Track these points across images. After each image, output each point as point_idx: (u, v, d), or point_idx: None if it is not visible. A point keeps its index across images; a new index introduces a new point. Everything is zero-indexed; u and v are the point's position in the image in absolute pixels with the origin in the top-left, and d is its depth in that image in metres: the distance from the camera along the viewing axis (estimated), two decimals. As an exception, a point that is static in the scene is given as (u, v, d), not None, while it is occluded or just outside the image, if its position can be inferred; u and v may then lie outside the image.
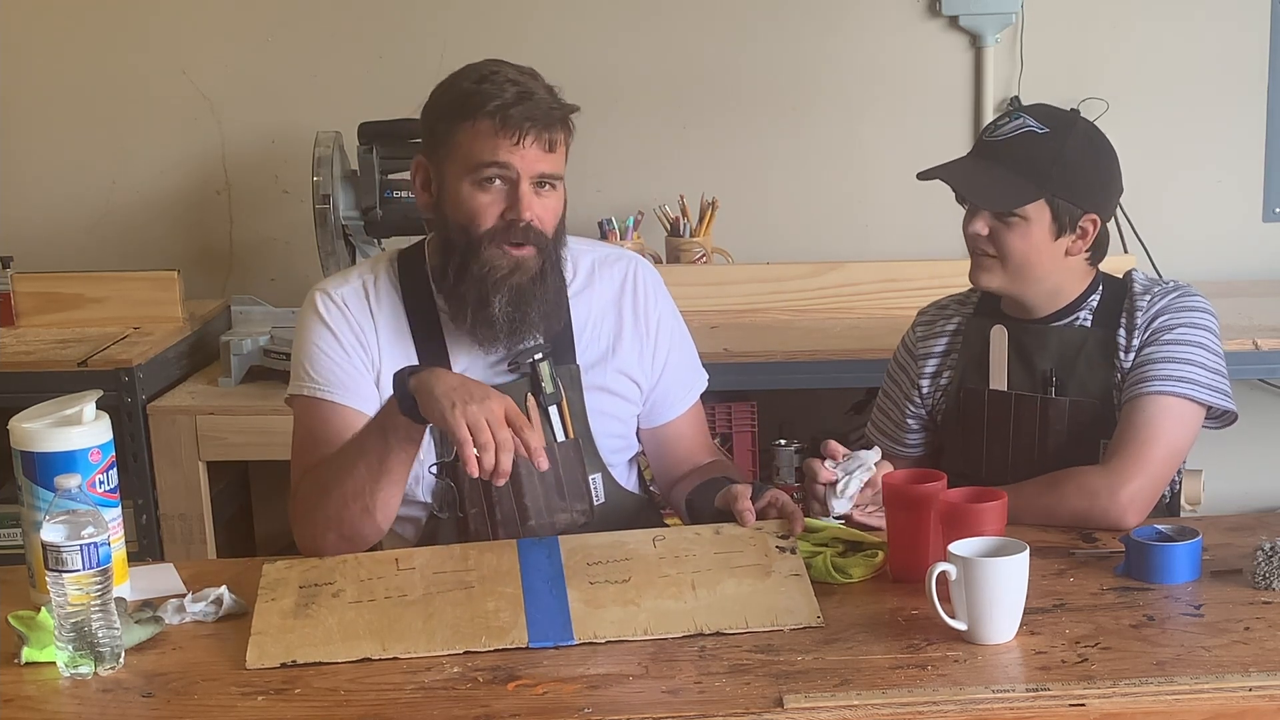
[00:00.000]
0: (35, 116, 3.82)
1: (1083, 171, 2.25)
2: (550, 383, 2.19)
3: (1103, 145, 2.31)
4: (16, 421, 1.93)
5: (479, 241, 2.10)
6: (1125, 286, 2.32)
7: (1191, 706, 1.63)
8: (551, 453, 2.17)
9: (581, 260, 2.28)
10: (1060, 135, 2.24)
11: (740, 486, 2.13)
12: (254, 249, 3.87)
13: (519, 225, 2.09)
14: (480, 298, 2.11)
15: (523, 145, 2.07)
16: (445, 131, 2.11)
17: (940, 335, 2.43)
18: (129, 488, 2.92)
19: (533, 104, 2.07)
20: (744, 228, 3.73)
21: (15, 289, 3.49)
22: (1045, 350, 2.31)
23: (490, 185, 2.09)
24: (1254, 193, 3.75)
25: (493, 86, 2.07)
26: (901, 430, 2.48)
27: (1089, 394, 2.29)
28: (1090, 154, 2.27)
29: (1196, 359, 2.23)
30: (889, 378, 2.51)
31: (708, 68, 3.74)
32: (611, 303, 2.28)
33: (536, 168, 2.09)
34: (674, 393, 2.33)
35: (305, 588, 1.95)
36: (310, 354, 2.18)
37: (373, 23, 3.76)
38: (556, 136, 2.10)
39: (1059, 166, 2.22)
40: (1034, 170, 2.22)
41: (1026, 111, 2.27)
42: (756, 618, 1.85)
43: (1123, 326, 2.28)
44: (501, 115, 2.06)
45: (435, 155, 2.14)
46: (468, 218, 2.10)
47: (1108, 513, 2.13)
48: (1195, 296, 2.30)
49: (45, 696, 1.75)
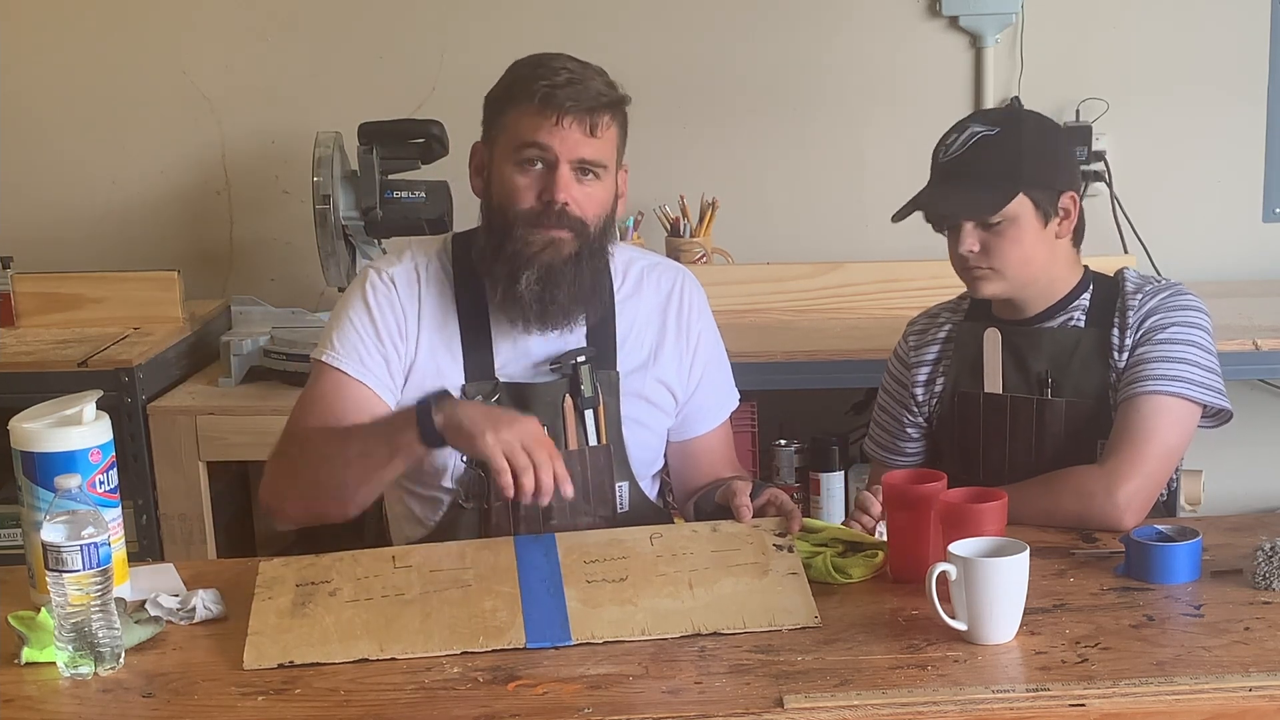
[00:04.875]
0: (35, 116, 3.81)
1: (1046, 155, 2.27)
2: (589, 386, 2.20)
3: (1052, 125, 2.36)
4: (16, 421, 1.93)
5: (514, 221, 2.11)
6: (1117, 285, 2.32)
7: (1191, 707, 1.63)
8: (582, 456, 2.19)
9: (632, 267, 2.29)
10: (1013, 130, 2.26)
11: (740, 483, 2.13)
12: (254, 249, 3.87)
13: (554, 208, 2.09)
14: (510, 274, 2.12)
15: (563, 126, 2.07)
16: (497, 114, 2.14)
17: (932, 343, 2.43)
18: (129, 488, 2.92)
19: (580, 88, 2.08)
20: (744, 228, 3.73)
21: (15, 289, 3.49)
22: (1039, 352, 2.31)
23: (530, 168, 2.10)
24: (1254, 193, 3.75)
25: (546, 70, 2.10)
26: (901, 440, 2.47)
27: (1084, 394, 2.29)
28: (1047, 136, 2.31)
29: (1191, 358, 2.23)
30: (884, 391, 2.51)
31: (708, 68, 3.74)
32: (656, 312, 2.28)
33: (577, 151, 2.09)
34: (706, 409, 2.34)
35: (302, 586, 1.95)
36: (342, 327, 2.19)
37: (373, 23, 3.76)
38: (599, 120, 2.10)
39: (1025, 159, 2.23)
40: (1003, 171, 2.23)
41: (970, 120, 2.28)
42: (754, 618, 1.85)
43: (1116, 325, 2.28)
44: (544, 95, 2.07)
45: (488, 139, 2.17)
46: (506, 198, 2.12)
47: (1106, 514, 2.13)
48: (1188, 295, 2.30)
49: (45, 696, 1.75)
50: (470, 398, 2.17)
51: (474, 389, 2.17)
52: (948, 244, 2.31)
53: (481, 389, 2.17)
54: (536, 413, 2.17)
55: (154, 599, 1.93)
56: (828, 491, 3.41)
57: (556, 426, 2.19)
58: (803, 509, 2.76)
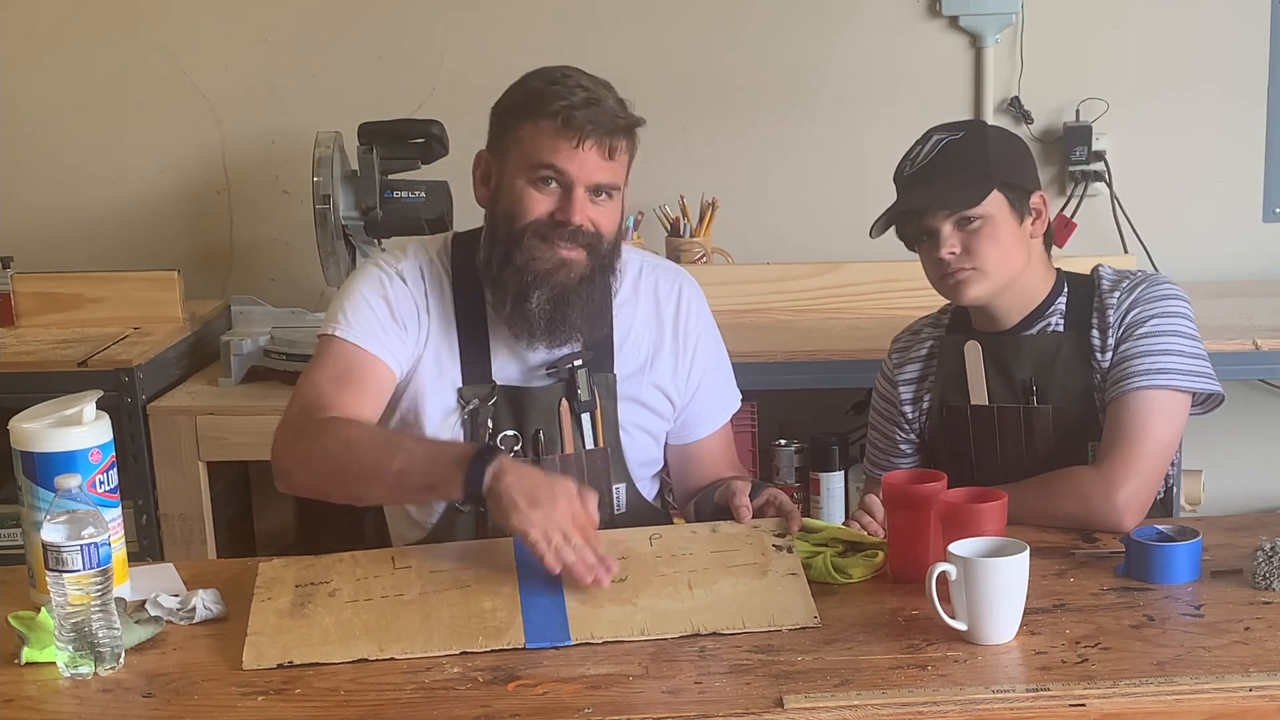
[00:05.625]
0: (35, 116, 3.81)
1: (1013, 155, 2.29)
2: (586, 390, 2.19)
3: (1011, 133, 2.41)
4: (16, 421, 1.93)
5: (522, 231, 2.10)
6: (1092, 284, 2.31)
7: (1191, 707, 1.63)
8: (579, 459, 2.19)
9: (629, 269, 2.27)
10: (978, 134, 2.29)
11: (739, 483, 2.13)
12: (254, 249, 3.87)
13: (569, 228, 2.09)
14: (520, 290, 2.11)
15: (582, 149, 2.06)
16: (509, 127, 2.12)
17: (915, 360, 2.42)
18: (129, 488, 2.92)
19: (599, 109, 2.07)
20: (744, 228, 3.73)
21: (15, 289, 3.49)
22: (1021, 360, 2.31)
23: (545, 186, 2.09)
24: (1254, 193, 3.75)
25: (562, 89, 2.08)
26: (896, 457, 2.46)
27: (1071, 399, 2.28)
28: (1011, 140, 2.34)
29: (1174, 347, 2.22)
30: (875, 410, 2.50)
31: (708, 68, 3.74)
32: (654, 315, 2.28)
33: (594, 176, 2.08)
34: (705, 413, 2.33)
35: (301, 586, 1.95)
36: (354, 301, 2.16)
37: (373, 23, 3.76)
38: (618, 144, 2.09)
39: (992, 159, 2.24)
40: (975, 168, 2.24)
41: (932, 131, 2.30)
42: (753, 618, 1.85)
43: (1095, 327, 2.28)
44: (565, 116, 2.05)
45: (497, 150, 2.15)
46: (515, 209, 2.11)
47: (1105, 517, 2.13)
48: (1164, 284, 2.29)
49: (45, 696, 1.75)
50: (467, 401, 2.17)
51: (471, 392, 2.17)
52: (921, 259, 2.29)
53: (478, 392, 2.17)
54: (533, 416, 2.17)
55: (154, 599, 1.93)
56: (828, 491, 3.41)
57: (553, 430, 2.19)
58: (803, 509, 2.76)
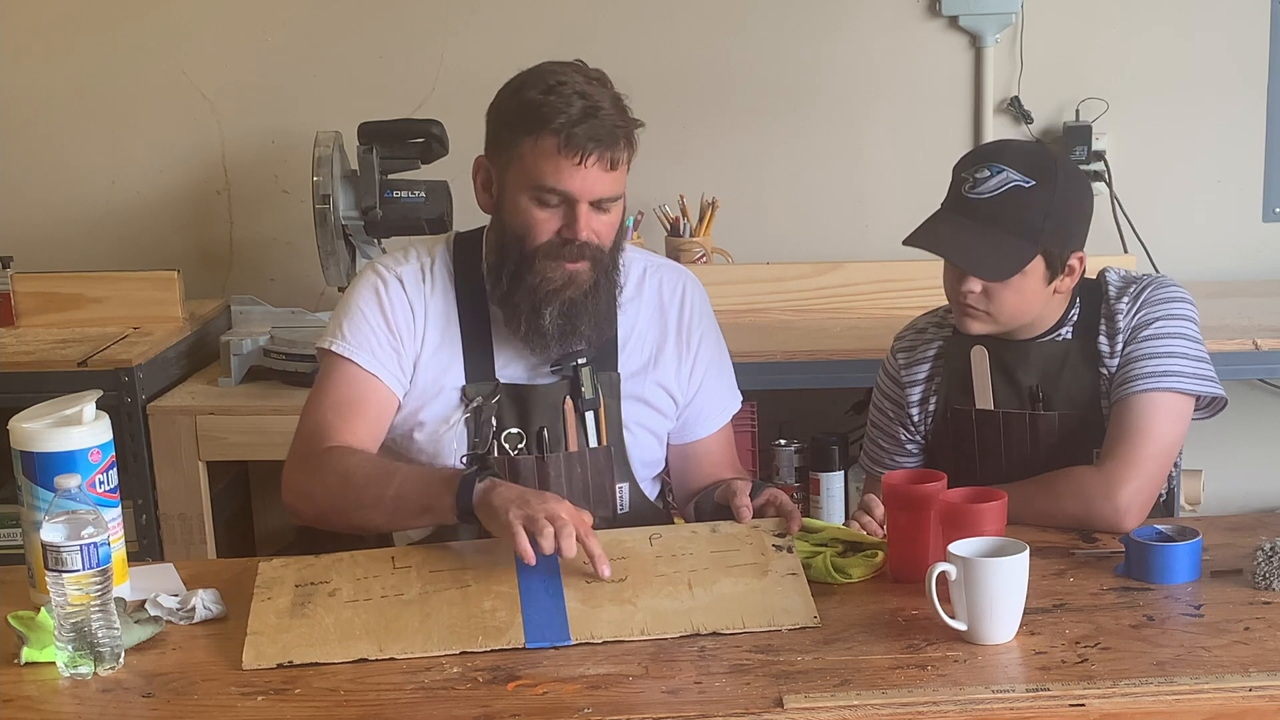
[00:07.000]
0: (35, 116, 3.81)
1: (1071, 218, 2.22)
2: (590, 388, 2.20)
3: (1083, 184, 2.29)
4: (16, 421, 1.93)
5: (533, 254, 2.11)
6: (1100, 290, 2.30)
7: (1191, 707, 1.63)
8: (583, 457, 2.19)
9: (633, 269, 2.27)
10: (1048, 185, 2.17)
11: (740, 483, 2.14)
12: (254, 249, 3.87)
13: (574, 244, 2.09)
14: (533, 308, 2.12)
15: (584, 165, 2.06)
16: (508, 141, 2.10)
17: (922, 361, 2.41)
18: (129, 488, 2.92)
19: (597, 122, 2.05)
20: (744, 228, 3.73)
21: (15, 289, 3.49)
22: (1028, 366, 2.30)
23: (549, 204, 2.09)
24: (1254, 193, 3.75)
25: (559, 99, 2.05)
26: (898, 456, 2.45)
27: (1076, 405, 2.28)
28: (1076, 198, 2.24)
29: (1178, 350, 2.22)
30: (878, 409, 2.48)
31: (708, 68, 3.74)
32: (657, 314, 2.28)
33: (596, 191, 2.08)
34: (706, 413, 2.33)
35: (301, 586, 1.95)
36: (353, 316, 2.19)
37: (373, 23, 3.76)
38: (619, 155, 2.09)
39: (1051, 220, 2.17)
40: (1027, 228, 2.17)
41: (1005, 163, 2.18)
42: (753, 618, 1.85)
43: (1103, 333, 2.27)
44: (566, 134, 2.04)
45: (497, 161, 2.14)
46: (524, 230, 2.11)
47: (1106, 518, 2.13)
48: (1169, 286, 2.28)
49: (45, 696, 1.75)
50: (470, 399, 2.17)
51: (474, 390, 2.17)
52: (944, 269, 2.27)
53: (482, 390, 2.17)
54: (537, 414, 2.18)
55: (154, 599, 1.93)
56: (828, 491, 3.41)
57: (557, 428, 2.19)
58: (803, 509, 2.76)
